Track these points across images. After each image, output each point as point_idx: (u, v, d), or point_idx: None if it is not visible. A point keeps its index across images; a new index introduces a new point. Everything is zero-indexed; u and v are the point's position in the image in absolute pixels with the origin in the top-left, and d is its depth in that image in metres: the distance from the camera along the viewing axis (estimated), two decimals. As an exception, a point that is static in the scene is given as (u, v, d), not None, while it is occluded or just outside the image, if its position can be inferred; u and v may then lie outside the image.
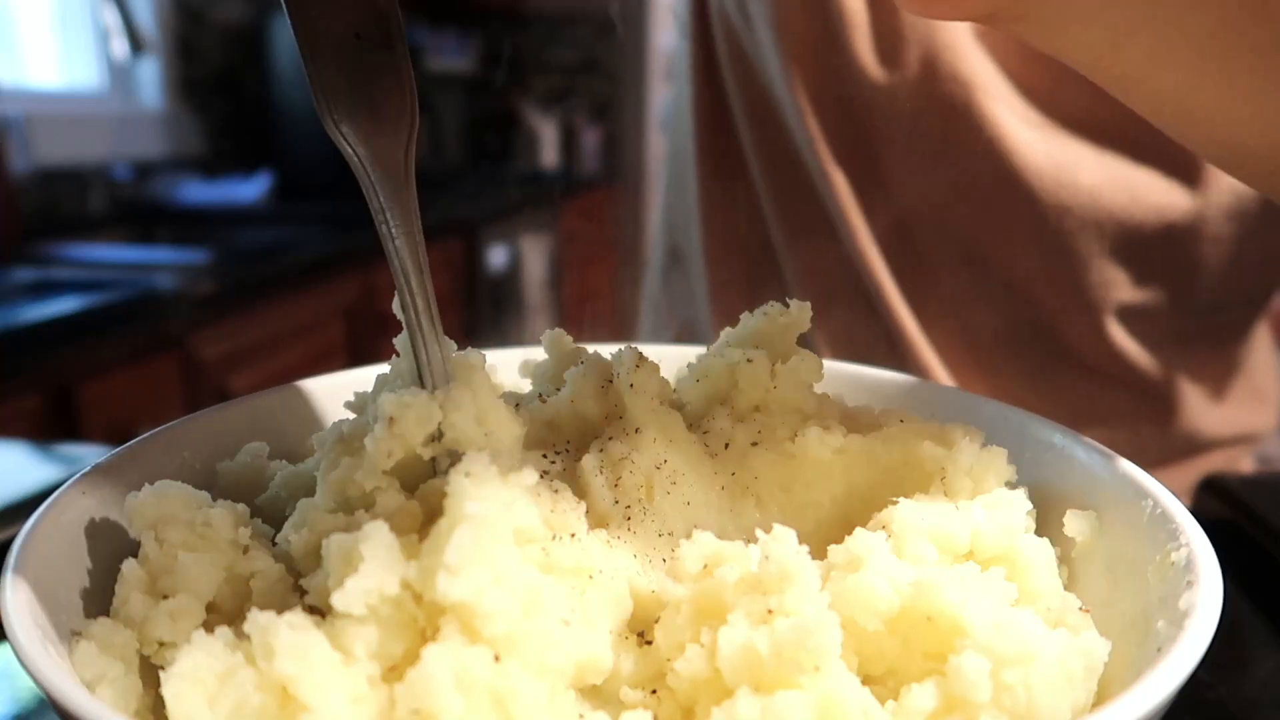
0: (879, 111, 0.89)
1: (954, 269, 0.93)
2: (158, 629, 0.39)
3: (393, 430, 0.39)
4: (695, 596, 0.39)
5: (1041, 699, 0.34)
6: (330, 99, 0.42)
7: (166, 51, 3.67)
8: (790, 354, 0.52)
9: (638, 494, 0.46)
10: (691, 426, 0.50)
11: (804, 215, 0.97)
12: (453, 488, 0.36)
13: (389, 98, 0.44)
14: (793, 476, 0.48)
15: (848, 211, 0.92)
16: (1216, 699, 0.54)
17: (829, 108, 0.90)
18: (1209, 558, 0.39)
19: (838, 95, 0.90)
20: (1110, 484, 0.47)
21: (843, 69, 0.88)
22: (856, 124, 0.91)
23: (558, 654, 0.36)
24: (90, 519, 0.44)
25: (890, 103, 0.89)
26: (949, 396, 0.56)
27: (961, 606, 0.36)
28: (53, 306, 2.14)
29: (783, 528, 0.39)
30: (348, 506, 0.41)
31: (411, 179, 0.44)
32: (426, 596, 0.35)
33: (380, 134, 0.43)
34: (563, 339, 0.53)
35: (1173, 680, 0.33)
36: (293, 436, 0.56)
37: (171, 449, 0.51)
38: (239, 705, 0.34)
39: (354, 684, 0.34)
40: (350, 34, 0.43)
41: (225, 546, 0.42)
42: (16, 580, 0.38)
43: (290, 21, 0.42)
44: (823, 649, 0.34)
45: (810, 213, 0.96)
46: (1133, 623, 0.41)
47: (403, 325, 0.44)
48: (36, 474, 0.95)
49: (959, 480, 0.45)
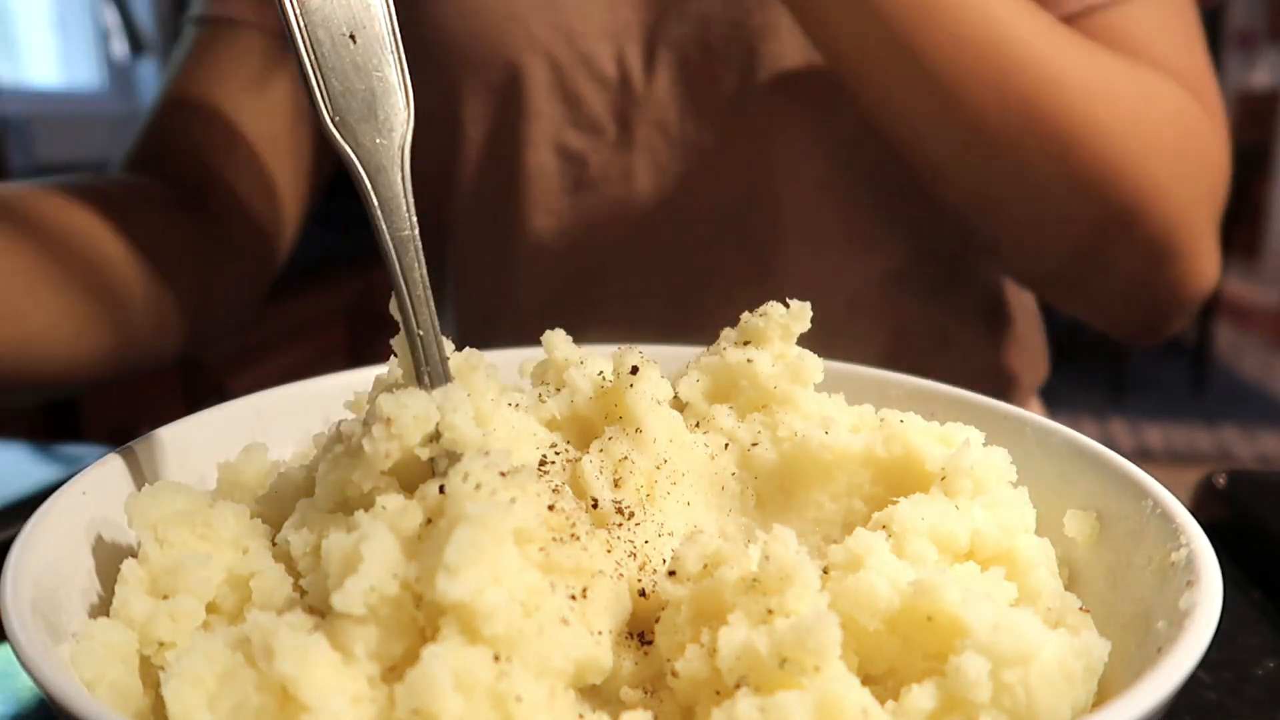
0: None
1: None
2: (158, 629, 0.39)
3: (390, 431, 0.39)
4: (695, 596, 0.39)
5: (1041, 699, 0.34)
6: (326, 100, 0.42)
7: (166, 52, 3.67)
8: (790, 354, 0.52)
9: (638, 494, 0.46)
10: (691, 426, 0.50)
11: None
12: (452, 488, 0.36)
13: (384, 98, 0.44)
14: (792, 476, 0.48)
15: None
16: (1216, 699, 0.54)
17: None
18: (1209, 558, 0.39)
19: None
20: (1110, 484, 0.47)
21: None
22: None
23: (558, 654, 0.36)
24: (90, 519, 0.44)
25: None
26: (949, 396, 0.56)
27: (961, 606, 0.36)
28: (53, 306, 2.13)
29: (783, 528, 0.39)
30: (347, 507, 0.41)
31: (407, 179, 0.44)
32: (426, 597, 0.35)
33: (375, 134, 0.43)
34: (563, 339, 0.53)
35: (1173, 680, 0.33)
36: (293, 436, 0.56)
37: (171, 449, 0.51)
38: (239, 705, 0.34)
39: (354, 684, 0.34)
40: (345, 34, 0.43)
41: (225, 546, 0.42)
42: (16, 580, 0.38)
43: (285, 22, 0.42)
44: (823, 649, 0.34)
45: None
46: (1133, 623, 0.41)
47: (400, 326, 0.44)
48: (36, 474, 0.95)
49: (959, 480, 0.45)
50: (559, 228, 1.00)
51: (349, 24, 0.43)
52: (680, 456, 0.48)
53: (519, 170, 0.99)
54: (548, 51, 0.95)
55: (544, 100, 0.96)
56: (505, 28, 0.95)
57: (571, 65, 0.96)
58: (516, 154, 0.99)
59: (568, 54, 0.95)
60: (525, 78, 0.96)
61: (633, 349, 0.50)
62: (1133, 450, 4.47)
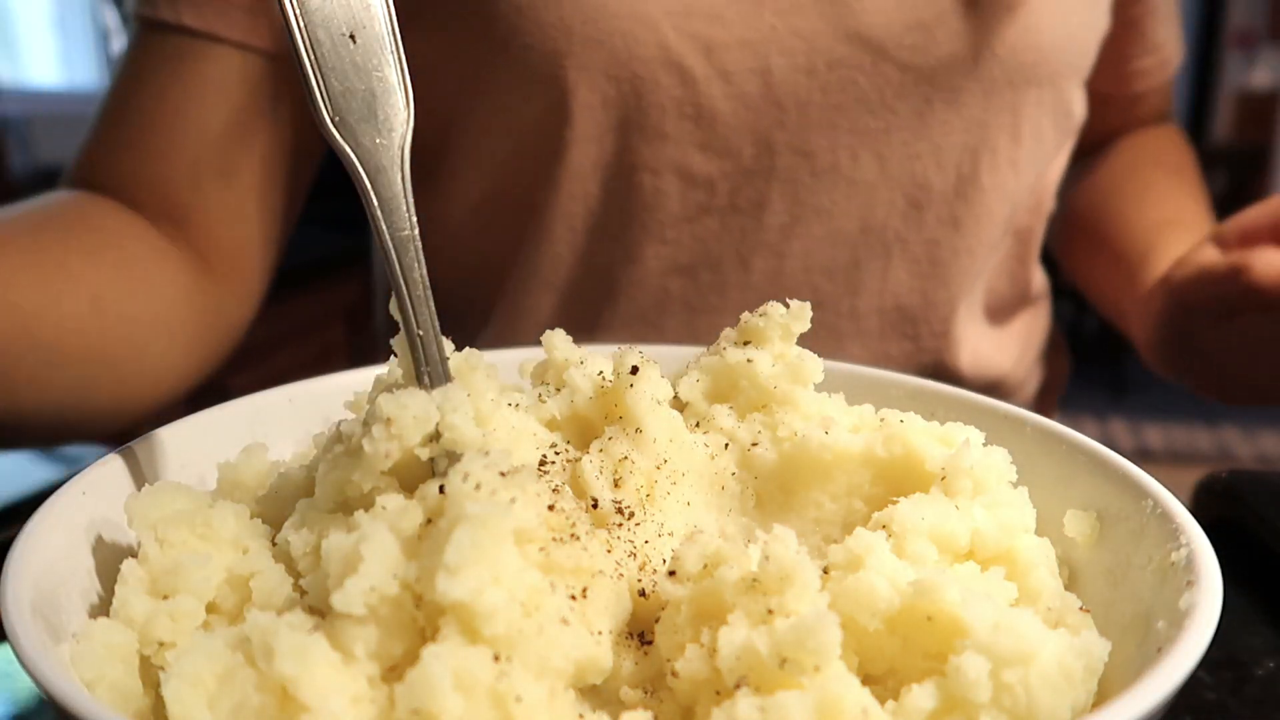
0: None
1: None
2: (158, 629, 0.39)
3: (390, 431, 0.39)
4: (695, 596, 0.39)
5: (1041, 699, 0.34)
6: (325, 100, 0.42)
7: (166, 51, 3.67)
8: (790, 354, 0.52)
9: (638, 494, 0.46)
10: (691, 426, 0.50)
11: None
12: (452, 488, 0.36)
13: (384, 98, 0.44)
14: (793, 476, 0.48)
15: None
16: (1216, 699, 0.54)
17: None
18: (1209, 558, 0.39)
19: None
20: (1110, 484, 0.47)
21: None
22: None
23: (558, 654, 0.36)
24: (90, 519, 0.44)
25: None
26: (949, 396, 0.56)
27: (961, 606, 0.36)
28: (53, 306, 2.14)
29: (783, 528, 0.39)
30: (347, 507, 0.41)
31: (407, 179, 0.44)
32: (426, 597, 0.35)
33: (375, 134, 0.43)
34: (563, 339, 0.53)
35: (1173, 680, 0.33)
36: (293, 436, 0.56)
37: (171, 449, 0.51)
38: (239, 706, 0.34)
39: (354, 684, 0.34)
40: (345, 34, 0.43)
41: (225, 546, 0.42)
42: (16, 580, 0.38)
43: (285, 22, 0.42)
44: (823, 649, 0.34)
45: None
46: (1133, 623, 0.41)
47: (400, 326, 0.44)
48: (36, 474, 0.95)
49: (959, 480, 0.45)
50: (673, 259, 0.89)
51: (349, 24, 0.43)
52: (680, 456, 0.48)
53: (632, 195, 0.87)
54: (680, 64, 0.82)
55: (672, 119, 0.84)
56: (636, 35, 0.81)
57: (707, 80, 0.83)
58: (630, 176, 0.86)
59: (704, 68, 0.82)
60: (652, 92, 0.83)
61: (633, 349, 0.50)
62: (1133, 450, 4.47)
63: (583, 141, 0.85)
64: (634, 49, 0.81)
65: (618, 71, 0.82)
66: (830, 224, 0.88)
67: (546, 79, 0.82)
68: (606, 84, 0.82)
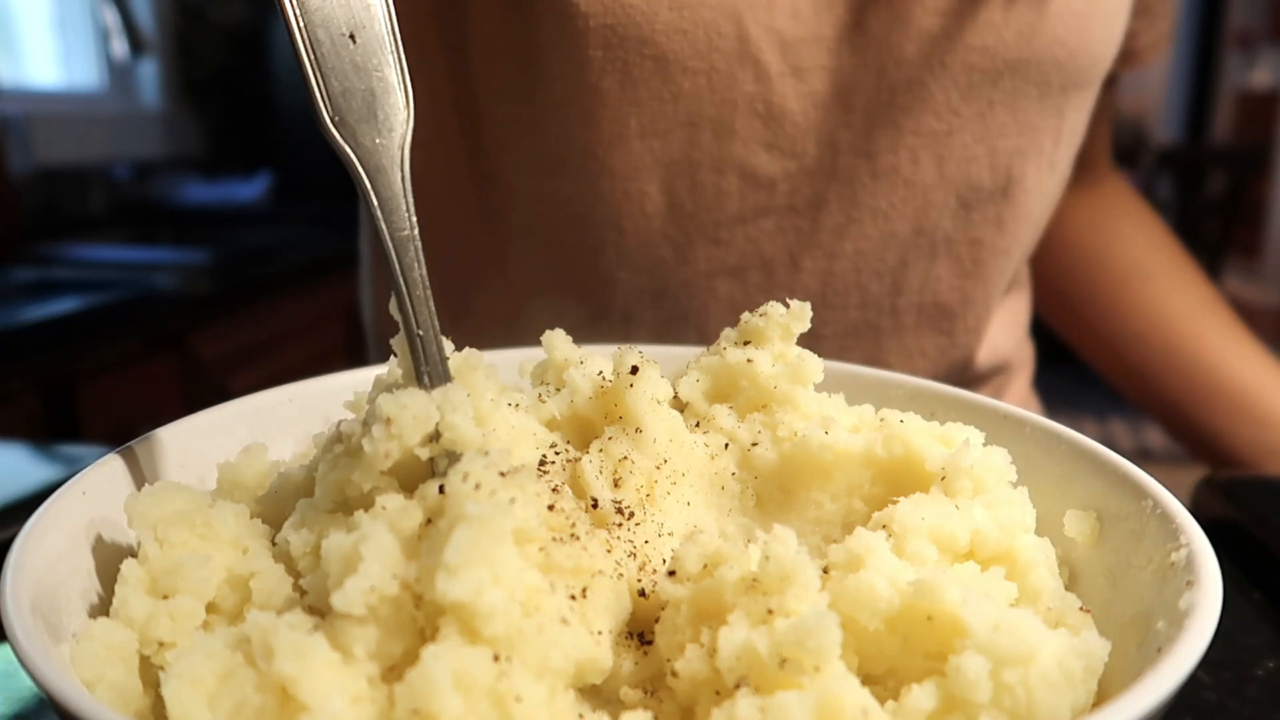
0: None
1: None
2: (158, 629, 0.39)
3: (390, 431, 0.39)
4: (695, 596, 0.39)
5: (1041, 699, 0.34)
6: (325, 100, 0.42)
7: (166, 52, 3.68)
8: (790, 354, 0.52)
9: (638, 494, 0.46)
10: (691, 426, 0.50)
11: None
12: (451, 488, 0.36)
13: (384, 98, 0.44)
14: (793, 476, 0.48)
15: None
16: (1216, 699, 0.54)
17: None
18: (1209, 558, 0.39)
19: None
20: (1110, 484, 0.47)
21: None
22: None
23: (557, 654, 0.36)
24: (90, 519, 0.44)
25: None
26: (949, 396, 0.56)
27: (961, 606, 0.36)
28: (53, 306, 2.14)
29: (783, 528, 0.39)
30: (347, 507, 0.41)
31: (407, 179, 0.44)
32: (426, 597, 0.35)
33: (375, 134, 0.43)
34: (563, 339, 0.53)
35: (1173, 680, 0.33)
36: (293, 436, 0.56)
37: (171, 449, 0.51)
38: (239, 705, 0.34)
39: (354, 684, 0.34)
40: (345, 34, 0.43)
41: (225, 546, 0.42)
42: (16, 580, 0.38)
43: (285, 23, 0.42)
44: (823, 649, 0.34)
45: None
46: (1133, 623, 0.41)
47: (400, 326, 0.44)
48: (36, 474, 0.95)
49: (959, 480, 0.45)
50: (724, 261, 0.87)
51: (349, 24, 0.43)
52: (680, 456, 0.48)
53: (692, 195, 0.84)
54: (757, 59, 0.78)
55: (743, 115, 0.80)
56: (718, 26, 0.77)
57: (780, 76, 0.79)
58: (693, 174, 0.83)
59: (779, 63, 0.79)
60: (727, 87, 0.79)
61: (633, 349, 0.50)
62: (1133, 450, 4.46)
63: (648, 136, 0.81)
64: (715, 40, 0.77)
65: (695, 64, 0.78)
66: (885, 225, 0.87)
67: (621, 66, 0.78)
68: (682, 76, 0.79)
